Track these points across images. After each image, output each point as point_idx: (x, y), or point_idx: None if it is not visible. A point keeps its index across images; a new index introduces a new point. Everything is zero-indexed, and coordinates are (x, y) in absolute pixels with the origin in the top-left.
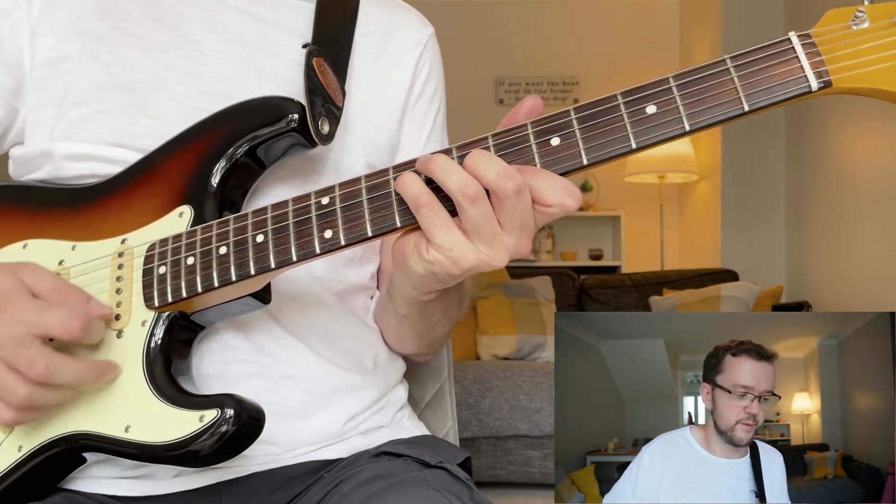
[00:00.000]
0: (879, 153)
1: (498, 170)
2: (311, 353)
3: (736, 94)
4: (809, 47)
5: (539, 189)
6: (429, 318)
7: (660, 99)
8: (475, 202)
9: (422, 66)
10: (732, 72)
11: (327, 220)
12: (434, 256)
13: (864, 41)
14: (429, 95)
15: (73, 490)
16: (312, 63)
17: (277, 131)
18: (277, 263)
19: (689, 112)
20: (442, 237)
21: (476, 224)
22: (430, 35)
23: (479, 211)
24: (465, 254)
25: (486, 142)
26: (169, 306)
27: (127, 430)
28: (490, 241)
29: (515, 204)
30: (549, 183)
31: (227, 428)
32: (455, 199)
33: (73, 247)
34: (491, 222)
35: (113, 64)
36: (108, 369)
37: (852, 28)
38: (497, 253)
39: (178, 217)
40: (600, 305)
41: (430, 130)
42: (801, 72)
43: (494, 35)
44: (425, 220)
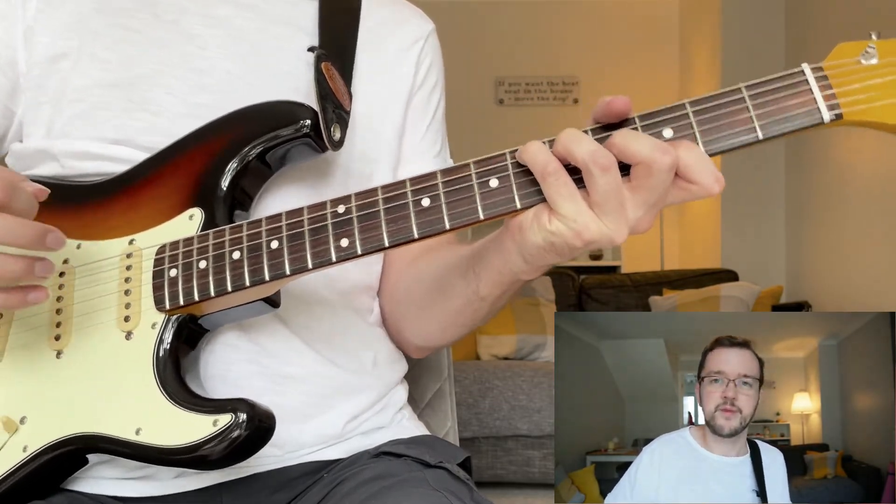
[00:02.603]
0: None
1: (653, 144)
2: (312, 354)
3: (751, 122)
4: (822, 80)
5: (690, 164)
6: (501, 301)
7: (676, 124)
8: (607, 171)
9: (423, 60)
10: (748, 100)
11: (343, 228)
12: (557, 227)
13: (874, 76)
14: (429, 87)
15: (75, 490)
16: (321, 68)
17: (290, 136)
18: (293, 270)
19: (706, 139)
20: (567, 207)
21: (605, 195)
22: (431, 31)
23: (610, 181)
24: (590, 225)
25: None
26: (179, 309)
27: (138, 432)
28: (615, 213)
29: (666, 179)
30: (701, 160)
31: (239, 433)
32: (585, 169)
33: (77, 245)
34: (619, 194)
35: (111, 61)
36: (46, 231)
37: (862, 63)
38: (620, 227)
39: (189, 220)
40: (600, 305)
41: (430, 122)
42: (813, 104)
43: (494, 35)
44: (551, 190)
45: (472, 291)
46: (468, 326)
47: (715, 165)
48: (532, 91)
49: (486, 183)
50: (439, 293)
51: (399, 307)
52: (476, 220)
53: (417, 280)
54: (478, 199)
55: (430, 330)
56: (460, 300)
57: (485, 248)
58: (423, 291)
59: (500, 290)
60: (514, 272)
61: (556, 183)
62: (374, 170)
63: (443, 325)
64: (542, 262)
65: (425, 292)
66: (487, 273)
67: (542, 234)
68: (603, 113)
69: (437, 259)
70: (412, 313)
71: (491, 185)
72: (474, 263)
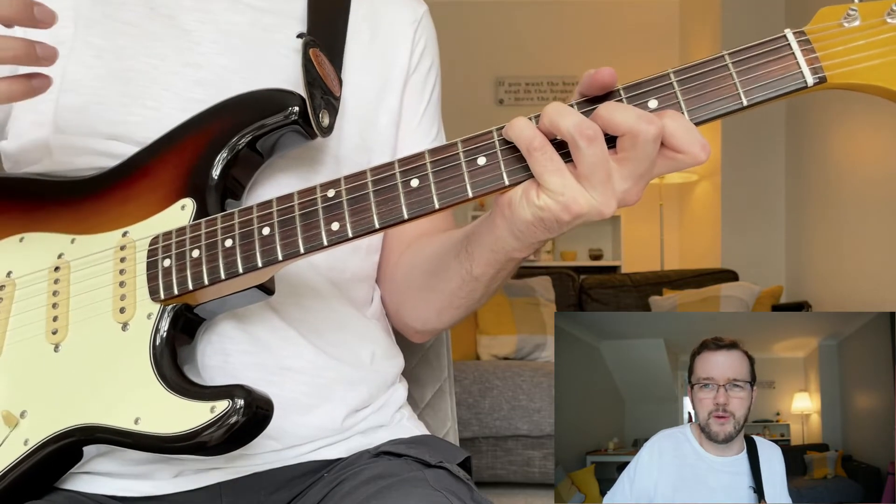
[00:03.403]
0: (879, 153)
1: (638, 114)
2: (308, 345)
3: (735, 89)
4: (804, 44)
5: (675, 133)
6: (496, 281)
7: (660, 94)
8: (593, 142)
9: (417, 42)
10: (731, 67)
11: (334, 212)
12: (545, 202)
13: (856, 38)
14: (424, 70)
15: (73, 490)
16: (309, 54)
17: (279, 124)
18: (285, 255)
19: (691, 107)
20: (554, 181)
21: (592, 166)
22: (424, 12)
23: (596, 152)
24: (578, 199)
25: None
26: (174, 299)
27: (137, 421)
28: (603, 186)
29: (651, 149)
30: (687, 129)
31: (237, 419)
32: (571, 142)
33: (72, 240)
34: (606, 165)
35: (106, 50)
36: (32, 4)
37: (844, 25)
38: (607, 199)
39: (181, 210)
40: (600, 305)
41: (426, 106)
42: (797, 68)
43: (494, 35)
44: (538, 165)
45: (466, 271)
46: (464, 308)
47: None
48: (532, 91)
49: (473, 161)
50: (434, 275)
51: (398, 291)
52: (465, 199)
53: (414, 264)
54: (466, 177)
55: (427, 313)
56: (455, 282)
57: (477, 228)
58: (420, 275)
59: (494, 269)
60: (505, 250)
61: (543, 158)
62: (369, 157)
63: (439, 307)
64: (533, 238)
65: (421, 275)
66: (480, 251)
67: (530, 210)
68: (588, 85)
69: (433, 242)
70: (410, 297)
71: (479, 162)
72: (467, 243)
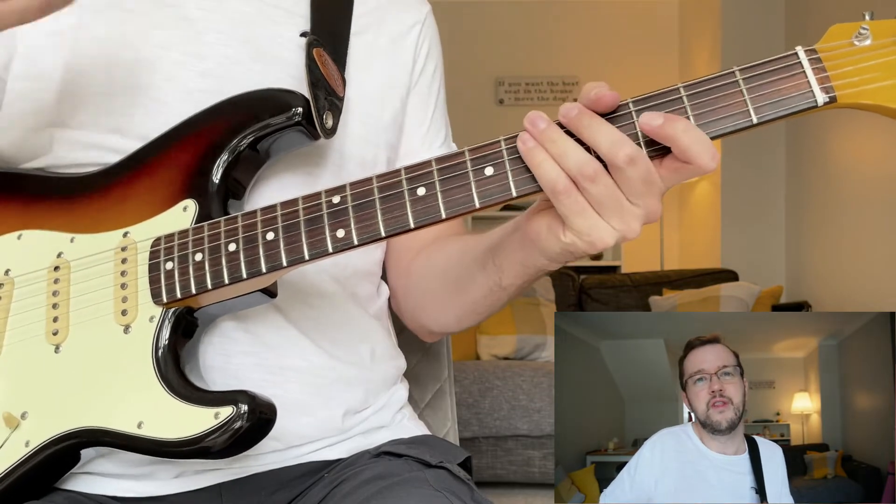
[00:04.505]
0: (879, 153)
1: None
2: (310, 344)
3: (745, 106)
4: (815, 62)
5: (683, 141)
6: (522, 289)
7: (670, 108)
8: (595, 181)
9: (421, 44)
10: (741, 84)
11: (339, 219)
12: (571, 239)
13: (868, 58)
14: (430, 73)
15: (74, 490)
16: (313, 54)
17: (282, 125)
18: (290, 261)
19: (700, 122)
20: (579, 223)
21: (600, 200)
22: (428, 12)
23: (600, 189)
24: (604, 237)
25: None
26: (177, 302)
27: (140, 426)
28: (619, 213)
29: (633, 172)
30: (696, 137)
31: (240, 424)
32: (576, 182)
33: (71, 239)
34: (614, 194)
35: (108, 38)
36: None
37: (855, 44)
38: (628, 224)
39: (182, 211)
40: (600, 305)
41: (433, 110)
42: (807, 87)
43: (494, 35)
44: (563, 207)
45: (494, 282)
46: (485, 314)
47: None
48: (532, 91)
49: (481, 171)
50: (456, 284)
51: (413, 296)
52: (472, 209)
53: (430, 270)
54: (473, 186)
55: (447, 318)
56: (481, 291)
57: (505, 242)
58: (439, 281)
59: (523, 280)
60: (538, 266)
61: (568, 200)
62: (371, 156)
63: (460, 314)
64: (565, 260)
65: (440, 282)
66: (510, 265)
67: (559, 245)
68: (590, 106)
69: (449, 248)
70: (428, 302)
71: (486, 172)
72: (494, 255)
